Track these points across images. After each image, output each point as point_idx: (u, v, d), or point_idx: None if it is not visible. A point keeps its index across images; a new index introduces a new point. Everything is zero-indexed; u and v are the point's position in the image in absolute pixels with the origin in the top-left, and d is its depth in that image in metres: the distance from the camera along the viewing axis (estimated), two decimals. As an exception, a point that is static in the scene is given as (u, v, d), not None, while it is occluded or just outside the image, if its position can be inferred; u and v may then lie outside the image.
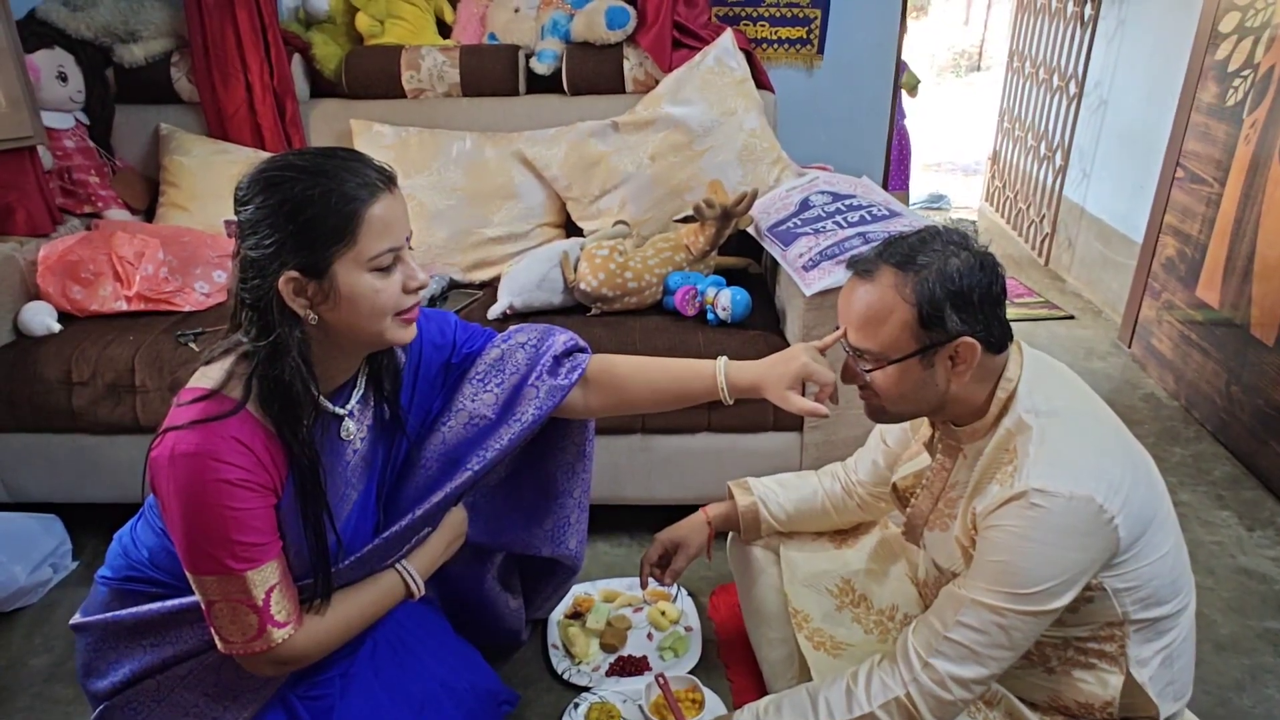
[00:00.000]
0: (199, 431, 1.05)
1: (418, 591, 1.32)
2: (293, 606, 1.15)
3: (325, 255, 1.05)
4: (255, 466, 1.08)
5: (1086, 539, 1.11)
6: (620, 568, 2.06)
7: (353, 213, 1.05)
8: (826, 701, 1.21)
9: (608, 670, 1.76)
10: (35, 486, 2.11)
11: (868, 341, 1.20)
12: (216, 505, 1.06)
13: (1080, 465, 1.13)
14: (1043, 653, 1.30)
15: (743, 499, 1.68)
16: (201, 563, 1.08)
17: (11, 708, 1.69)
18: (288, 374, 1.08)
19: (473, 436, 1.37)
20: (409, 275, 1.13)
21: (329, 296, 1.07)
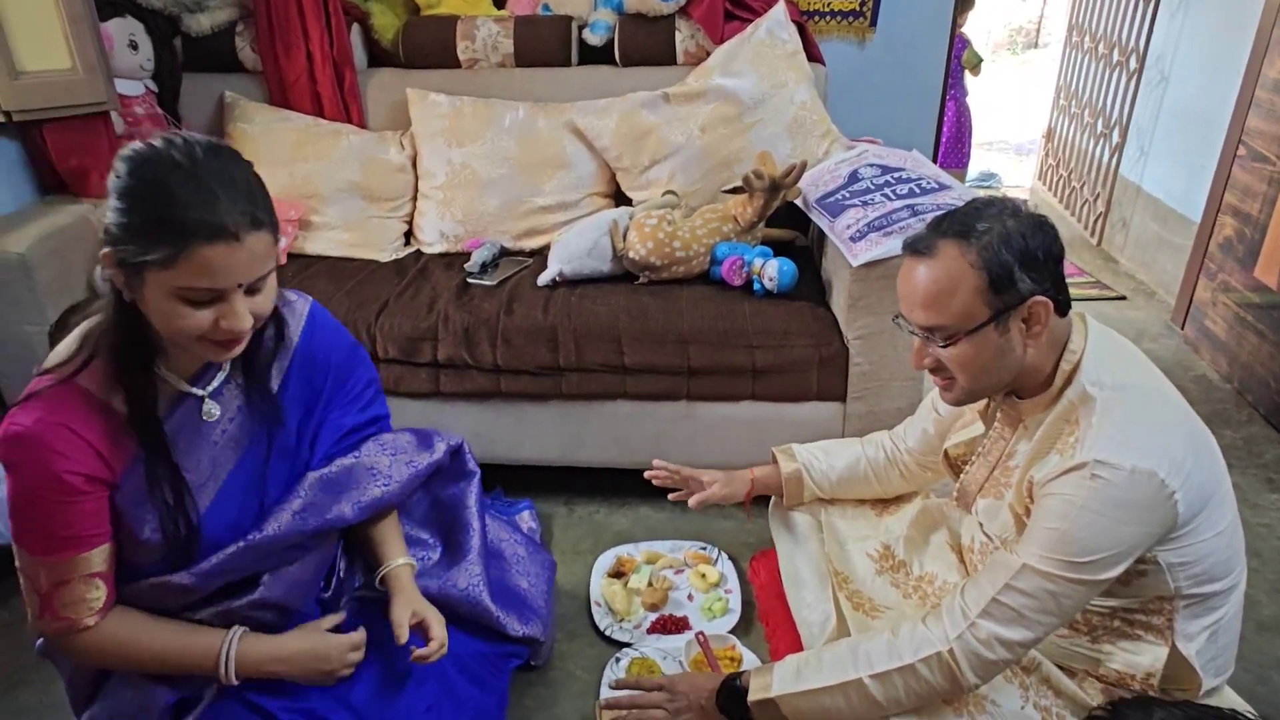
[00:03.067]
0: (33, 410, 1.07)
1: (225, 678, 1.22)
2: (89, 609, 1.15)
3: (141, 260, 1.02)
4: (86, 456, 1.09)
5: (1145, 513, 1.12)
6: (663, 531, 2.11)
7: (183, 243, 1.01)
8: (867, 653, 1.24)
9: (649, 628, 1.80)
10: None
11: (939, 317, 1.19)
12: (31, 489, 1.08)
13: (1144, 440, 1.13)
14: (1089, 622, 1.31)
15: (786, 465, 1.71)
16: (16, 535, 1.12)
17: None
18: (123, 343, 1.09)
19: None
20: (225, 316, 1.07)
21: (134, 289, 1.05)
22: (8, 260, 2.02)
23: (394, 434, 1.49)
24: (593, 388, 2.03)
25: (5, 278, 2.03)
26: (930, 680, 1.20)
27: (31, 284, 2.05)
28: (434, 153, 2.49)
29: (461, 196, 2.46)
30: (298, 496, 1.31)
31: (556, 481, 2.23)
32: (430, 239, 2.50)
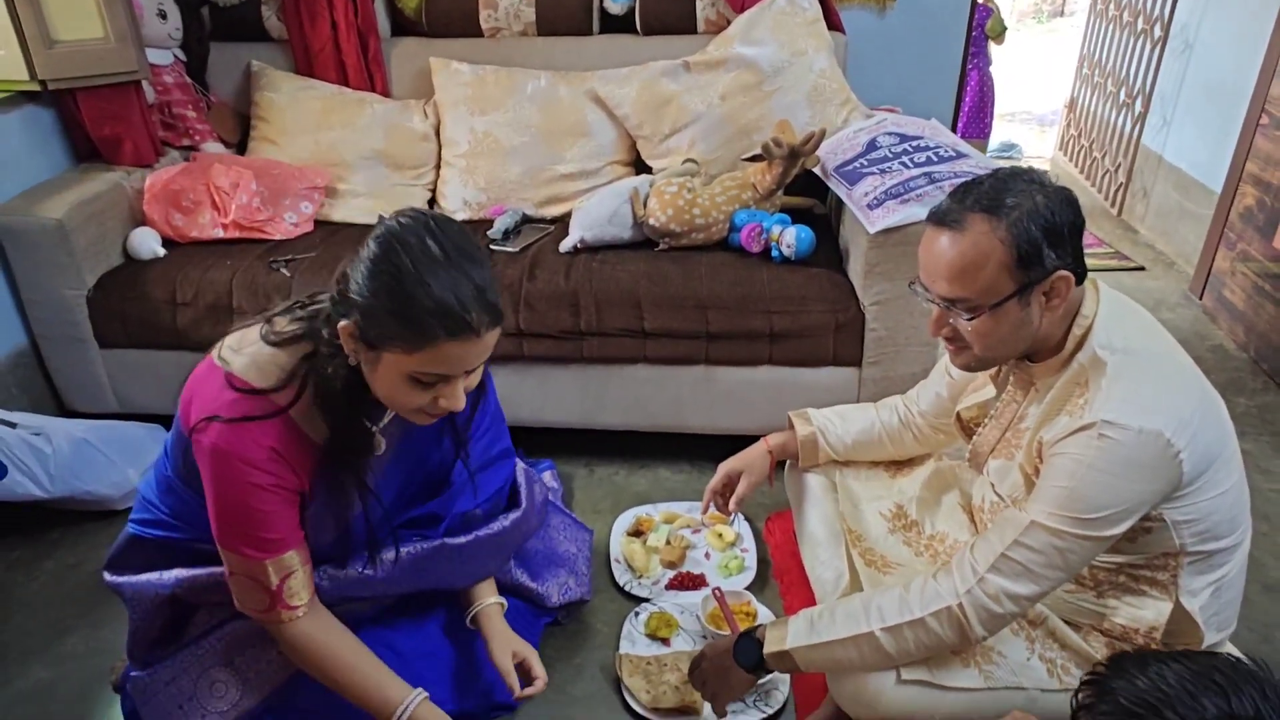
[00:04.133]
0: (240, 431, 1.16)
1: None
2: (308, 594, 1.28)
3: (383, 340, 1.10)
4: (285, 473, 1.19)
5: (1151, 472, 1.15)
6: (681, 493, 2.16)
7: (429, 337, 1.08)
8: (879, 607, 1.28)
9: (667, 584, 1.86)
10: (143, 399, 2.29)
11: (963, 290, 1.20)
12: (244, 503, 1.18)
13: (1151, 401, 1.15)
14: (1095, 577, 1.35)
15: (802, 429, 1.75)
16: (226, 540, 1.22)
17: (111, 604, 1.84)
18: (338, 374, 1.17)
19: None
20: (445, 397, 1.16)
21: (369, 362, 1.15)
22: (46, 226, 2.08)
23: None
24: (613, 351, 2.07)
25: (44, 242, 2.10)
26: (940, 633, 1.24)
27: (69, 249, 2.11)
28: (457, 121, 2.53)
29: (484, 164, 2.50)
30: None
31: (577, 444, 2.28)
32: (453, 206, 2.54)
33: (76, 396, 2.30)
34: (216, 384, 1.19)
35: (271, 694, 1.39)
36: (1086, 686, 0.93)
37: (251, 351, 1.21)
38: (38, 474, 1.93)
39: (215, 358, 1.23)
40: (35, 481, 1.93)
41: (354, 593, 1.36)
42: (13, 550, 2.02)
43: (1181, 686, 0.85)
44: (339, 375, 1.16)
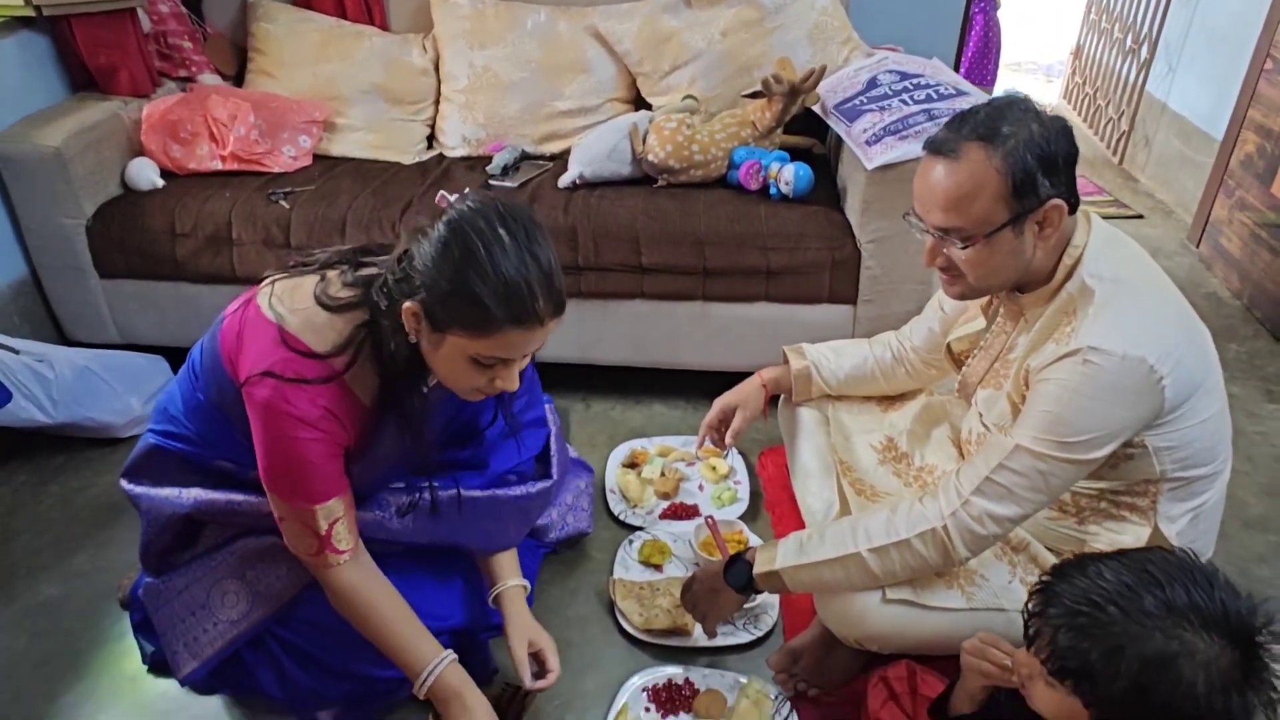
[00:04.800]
0: (296, 391, 1.18)
1: (416, 688, 1.31)
2: (353, 540, 1.30)
3: (449, 324, 1.11)
4: (335, 430, 1.22)
5: (1134, 397, 1.17)
6: (676, 428, 2.19)
7: (495, 324, 1.10)
8: (866, 529, 1.32)
9: (660, 514, 1.90)
10: (144, 329, 2.31)
11: (958, 219, 1.21)
12: (296, 456, 1.21)
13: (1137, 328, 1.18)
14: (1077, 504, 1.38)
15: (796, 363, 1.77)
16: (275, 487, 1.25)
17: (116, 525, 1.91)
18: (398, 355, 1.19)
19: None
20: (501, 378, 1.18)
21: (431, 343, 1.16)
22: (43, 153, 2.08)
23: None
24: (611, 287, 2.09)
25: (41, 170, 2.10)
26: (924, 554, 1.28)
27: (67, 177, 2.11)
28: (456, 55, 2.51)
29: (483, 100, 2.49)
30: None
31: (574, 379, 2.30)
32: (452, 142, 2.53)
33: (77, 327, 2.32)
34: (270, 338, 1.20)
35: (280, 607, 1.43)
36: (1035, 595, 0.97)
37: (306, 313, 1.21)
38: (41, 400, 1.96)
39: (265, 306, 1.23)
40: (39, 407, 1.96)
41: (370, 535, 1.38)
42: (18, 475, 2.06)
43: (1119, 581, 0.89)
44: (401, 353, 1.18)
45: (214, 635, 1.45)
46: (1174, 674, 0.83)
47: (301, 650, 1.44)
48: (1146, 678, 0.84)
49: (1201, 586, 0.87)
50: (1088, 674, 0.88)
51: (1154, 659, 0.84)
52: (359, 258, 1.27)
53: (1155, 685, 0.84)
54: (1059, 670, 0.91)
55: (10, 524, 1.92)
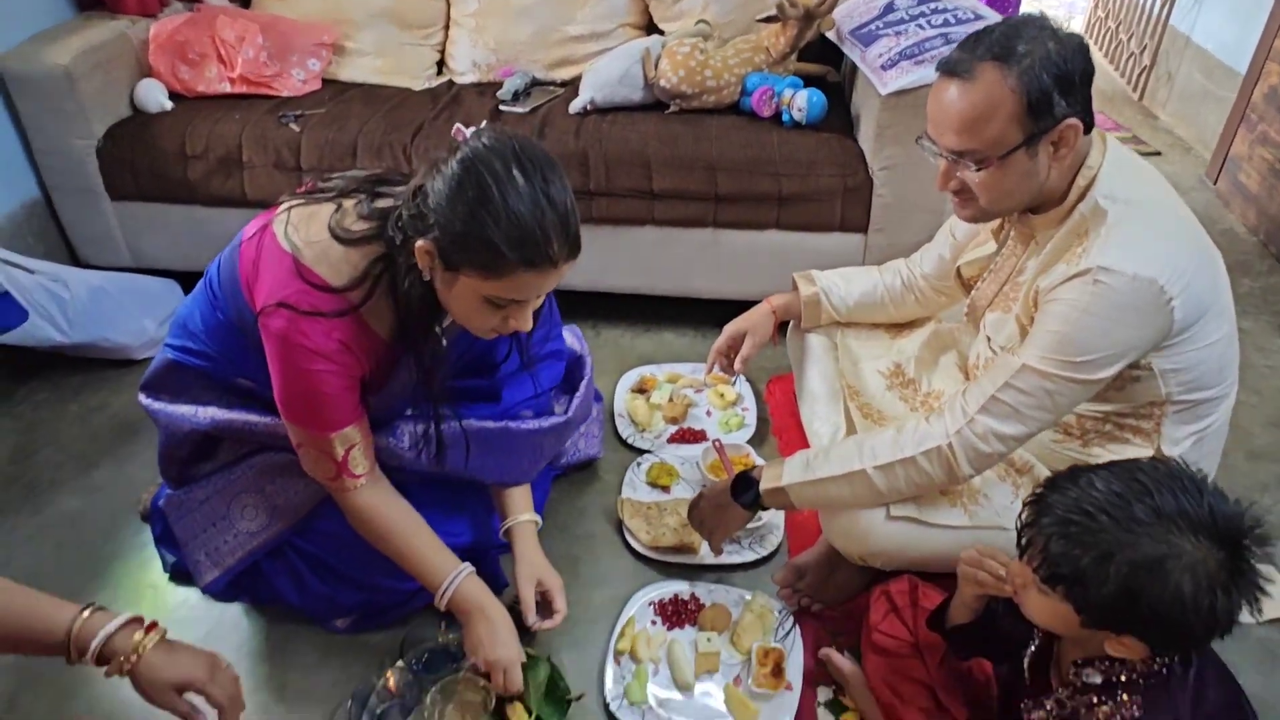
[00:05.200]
0: (312, 324, 1.19)
1: (438, 600, 1.34)
2: (369, 464, 1.33)
3: (461, 265, 1.11)
4: (351, 362, 1.23)
5: (1142, 317, 1.17)
6: (685, 355, 2.21)
7: (507, 267, 1.08)
8: (872, 447, 1.33)
9: (668, 439, 1.93)
10: (156, 253, 2.32)
11: (972, 141, 1.19)
12: (311, 387, 1.22)
13: (1148, 249, 1.17)
14: (1081, 426, 1.39)
15: (806, 289, 1.77)
16: (293, 415, 1.27)
17: (135, 442, 1.95)
18: (412, 293, 1.18)
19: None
20: (515, 318, 1.18)
21: (444, 282, 1.15)
22: (52, 72, 2.07)
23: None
24: (621, 213, 2.08)
25: (50, 89, 2.09)
26: (929, 471, 1.30)
27: (76, 97, 2.10)
28: (466, -22, 2.46)
29: (494, 24, 2.45)
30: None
31: (584, 306, 2.31)
32: (462, 68, 2.50)
33: (90, 249, 2.33)
34: (285, 269, 1.20)
35: (298, 520, 1.47)
36: (1028, 506, 0.99)
37: (321, 245, 1.21)
38: (58, 319, 1.98)
39: (281, 235, 1.22)
40: (56, 326, 1.98)
41: (384, 462, 1.40)
42: (37, 393, 2.09)
43: (1110, 490, 0.91)
44: (414, 292, 1.18)
45: (234, 545, 1.49)
46: (1162, 577, 0.85)
47: (319, 560, 1.48)
48: (1135, 581, 0.86)
49: (1190, 493, 0.89)
50: (1079, 580, 0.90)
51: (1143, 563, 0.86)
52: (376, 188, 1.26)
53: (1144, 588, 0.86)
54: (1051, 577, 0.93)
55: (31, 440, 1.96)
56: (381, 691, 1.39)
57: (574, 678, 1.43)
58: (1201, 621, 0.86)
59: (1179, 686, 0.94)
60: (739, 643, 1.48)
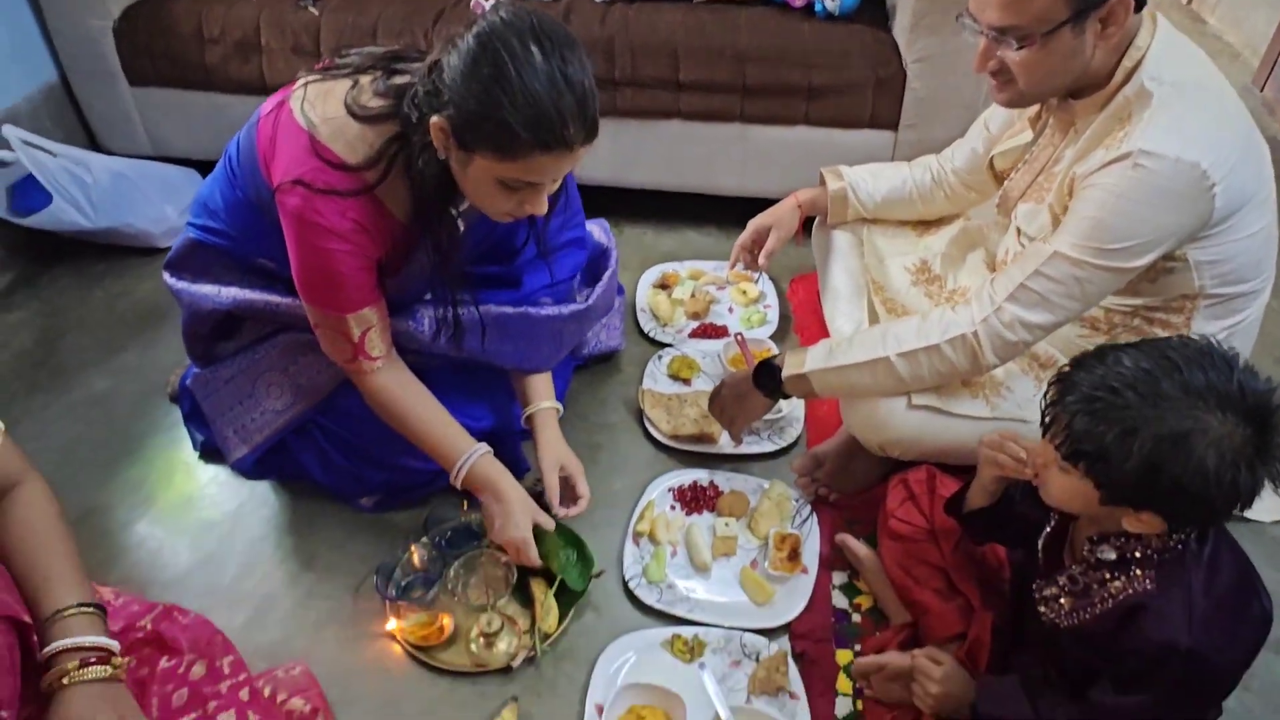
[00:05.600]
0: (327, 202, 1.17)
1: (453, 478, 1.36)
2: (386, 348, 1.33)
3: (475, 145, 1.08)
4: (366, 243, 1.22)
5: (1182, 203, 1.14)
6: (707, 254, 2.19)
7: (522, 149, 1.06)
8: (896, 335, 1.32)
9: (690, 333, 1.93)
10: (176, 141, 2.30)
11: (1015, 17, 1.14)
12: (327, 267, 1.21)
13: (1193, 132, 1.13)
14: (1110, 320, 1.37)
15: (833, 184, 1.74)
16: (310, 296, 1.26)
17: (161, 327, 1.97)
18: (427, 172, 1.16)
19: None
20: (530, 202, 1.17)
21: (459, 162, 1.13)
22: (67, -52, 2.02)
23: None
24: (647, 104, 2.04)
25: (66, -33, 2.04)
26: (953, 360, 1.29)
27: (92, -25, 2.05)
28: None
29: (516, -94, 2.36)
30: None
31: (607, 203, 2.27)
32: (484, -47, 2.42)
33: (109, 135, 2.31)
34: (301, 146, 1.18)
35: (322, 399, 1.48)
36: (1052, 385, 0.98)
37: (337, 122, 1.19)
38: (81, 203, 1.98)
39: (297, 111, 1.20)
40: (80, 210, 1.98)
41: (403, 344, 1.41)
42: (61, 279, 2.11)
43: (1138, 367, 0.90)
44: (430, 171, 1.16)
45: (261, 423, 1.52)
46: (1186, 451, 0.85)
47: (343, 439, 1.50)
48: (1159, 456, 0.86)
49: (1219, 369, 0.87)
50: (1101, 456, 0.90)
51: (1167, 438, 0.86)
52: (392, 64, 1.23)
53: (1167, 462, 0.86)
54: (1073, 454, 0.93)
55: (58, 325, 1.98)
56: (406, 565, 1.43)
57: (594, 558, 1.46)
58: (1223, 495, 0.86)
59: (1194, 562, 0.95)
60: (756, 528, 1.50)
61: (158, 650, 0.98)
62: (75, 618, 0.91)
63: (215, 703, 0.96)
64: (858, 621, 1.40)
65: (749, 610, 1.39)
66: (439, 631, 1.35)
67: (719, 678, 1.29)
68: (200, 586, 1.45)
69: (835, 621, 1.40)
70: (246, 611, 1.41)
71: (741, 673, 1.31)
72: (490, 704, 1.28)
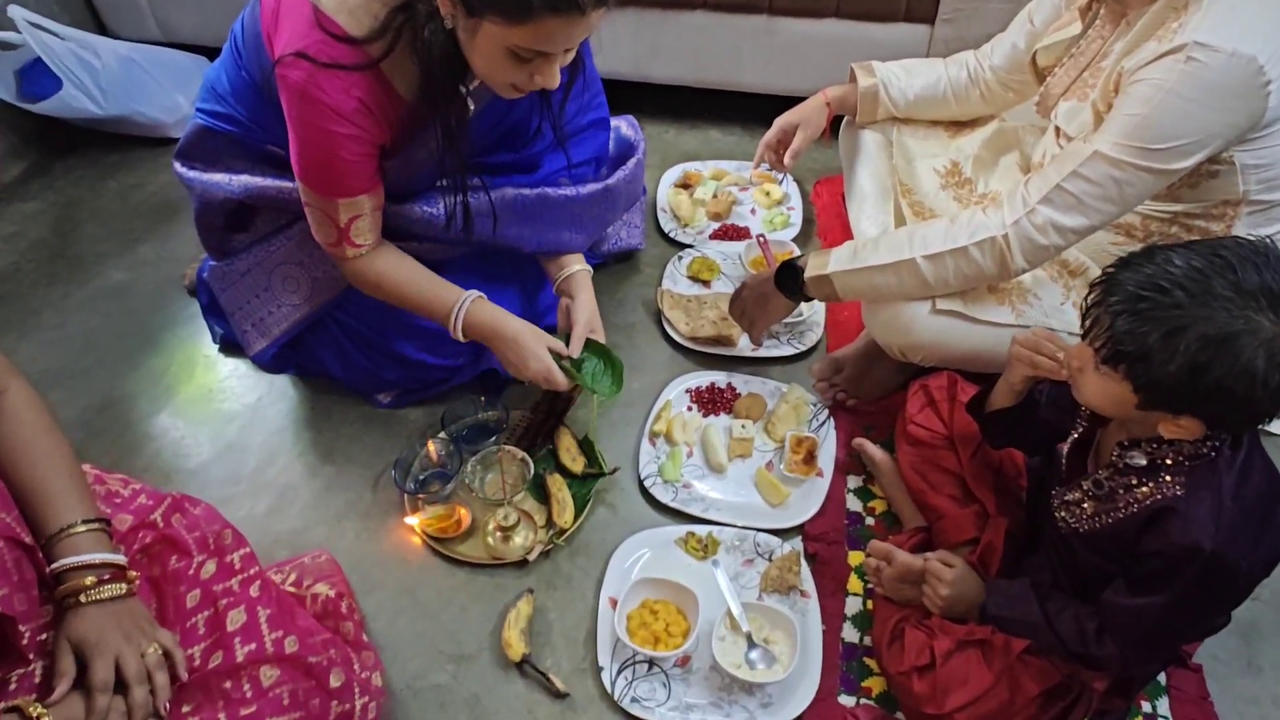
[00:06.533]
0: (330, 77, 1.12)
1: (454, 332, 1.35)
2: (373, 237, 1.30)
3: (483, 8, 1.02)
4: (370, 125, 1.17)
5: (1234, 100, 1.08)
6: (730, 153, 2.13)
7: (531, 11, 1.00)
8: (923, 237, 1.28)
9: (711, 235, 1.89)
10: (185, 27, 2.24)
11: None
12: (326, 148, 1.17)
13: (1252, 24, 1.07)
14: (1146, 228, 1.33)
15: (864, 80, 1.67)
16: (304, 175, 1.23)
17: (176, 220, 1.95)
18: (434, 42, 1.10)
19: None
20: (541, 73, 1.11)
21: (467, 30, 1.07)
22: None
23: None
24: (670, -9, 1.96)
25: None
26: (980, 263, 1.25)
27: None
28: None
29: None
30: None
31: (627, 98, 2.21)
32: None
33: (117, 19, 2.25)
34: (305, 17, 1.13)
35: (339, 294, 1.47)
36: (1096, 286, 0.94)
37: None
38: (91, 89, 1.93)
39: None
40: (90, 97, 1.94)
41: (420, 230, 1.39)
42: (75, 169, 2.08)
43: (1189, 266, 0.86)
44: (436, 40, 1.11)
45: (279, 317, 1.51)
46: (1233, 351, 0.82)
47: (360, 334, 1.50)
48: (1205, 356, 0.83)
49: (1276, 269, 0.84)
50: (1143, 356, 0.87)
51: (1215, 338, 0.83)
52: None
53: (1212, 363, 0.83)
54: (1114, 355, 0.90)
55: (73, 215, 1.97)
56: (423, 459, 1.44)
57: (610, 458, 1.47)
58: (1269, 397, 0.83)
59: (1225, 468, 0.93)
60: (773, 431, 1.50)
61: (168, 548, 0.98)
62: (82, 535, 0.89)
63: (226, 600, 0.96)
64: (871, 525, 1.41)
65: (763, 511, 1.41)
66: (456, 524, 1.37)
67: (731, 575, 1.31)
68: (222, 476, 1.48)
69: (848, 524, 1.41)
70: (268, 500, 1.44)
71: (754, 571, 1.33)
72: (506, 595, 1.31)
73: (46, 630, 0.87)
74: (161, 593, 0.97)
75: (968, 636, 1.12)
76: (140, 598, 0.92)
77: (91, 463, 1.38)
